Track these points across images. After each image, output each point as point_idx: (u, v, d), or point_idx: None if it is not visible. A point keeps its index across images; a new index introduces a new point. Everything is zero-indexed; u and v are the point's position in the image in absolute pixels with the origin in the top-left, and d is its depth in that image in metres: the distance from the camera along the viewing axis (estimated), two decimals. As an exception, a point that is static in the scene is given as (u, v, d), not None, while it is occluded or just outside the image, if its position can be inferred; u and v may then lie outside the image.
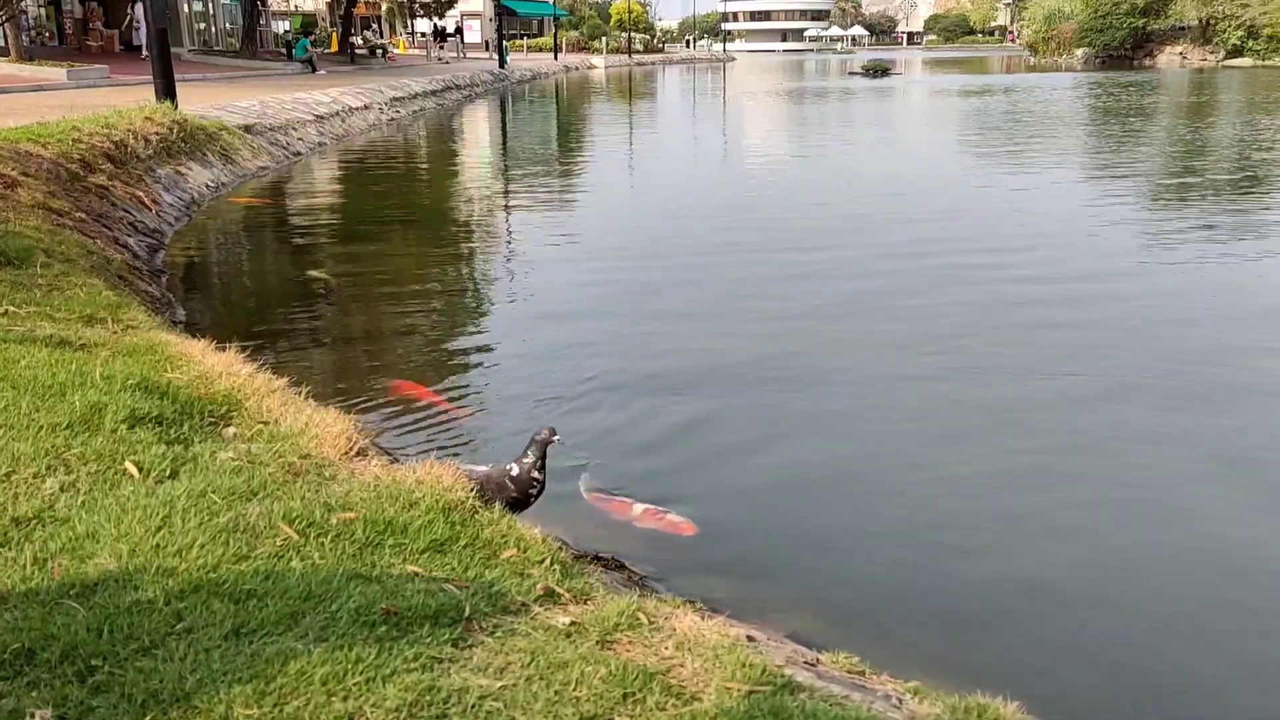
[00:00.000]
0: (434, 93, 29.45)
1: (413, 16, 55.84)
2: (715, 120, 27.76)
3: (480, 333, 6.91)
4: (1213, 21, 56.30)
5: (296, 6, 52.91)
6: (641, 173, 16.48)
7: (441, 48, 51.48)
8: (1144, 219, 10.91)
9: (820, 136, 22.36)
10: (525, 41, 67.43)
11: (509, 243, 10.25)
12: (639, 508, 4.03)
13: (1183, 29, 57.75)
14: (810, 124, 25.99)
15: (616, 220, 11.35)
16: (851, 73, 54.98)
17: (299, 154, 16.45)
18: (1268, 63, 53.15)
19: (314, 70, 30.95)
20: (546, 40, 67.51)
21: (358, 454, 3.60)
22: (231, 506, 2.87)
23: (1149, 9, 57.60)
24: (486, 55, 53.60)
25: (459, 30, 54.59)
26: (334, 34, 45.06)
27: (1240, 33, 55.10)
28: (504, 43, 47.41)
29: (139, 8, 25.66)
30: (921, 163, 16.96)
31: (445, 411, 5.21)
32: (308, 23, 40.94)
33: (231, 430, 3.66)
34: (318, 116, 18.93)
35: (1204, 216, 11.00)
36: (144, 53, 22.12)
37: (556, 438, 3.52)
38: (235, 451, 3.36)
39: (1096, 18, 59.25)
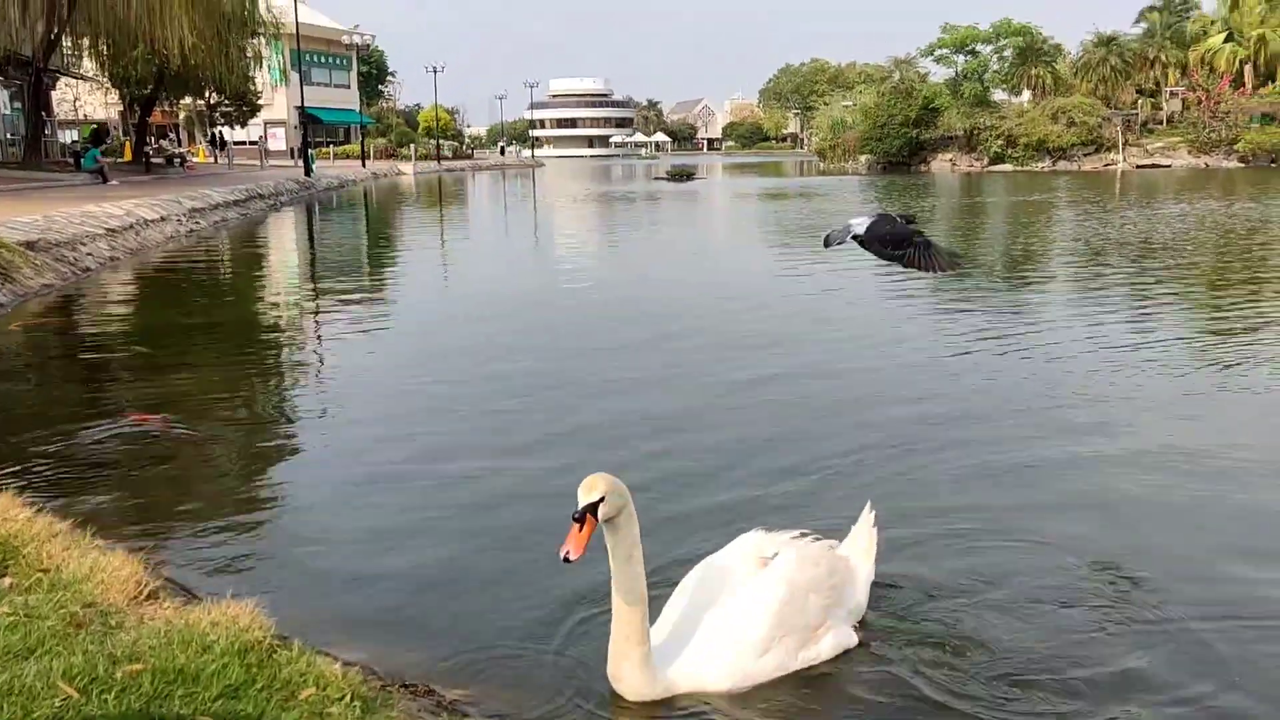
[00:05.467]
0: (236, 202, 28.72)
1: (213, 125, 54.60)
2: (527, 227, 28.31)
3: (289, 457, 6.75)
4: (976, 132, 62.50)
5: (86, 115, 50.76)
6: (455, 282, 16.57)
7: (226, 154, 50.75)
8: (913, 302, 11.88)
9: (630, 242, 23.17)
10: (332, 149, 66.89)
11: (319, 358, 10.08)
12: None
13: (952, 138, 63.77)
14: (620, 229, 26.90)
15: (429, 335, 11.31)
16: (657, 178, 57.31)
17: (89, 270, 15.66)
18: (1026, 168, 59.35)
19: (105, 181, 29.64)
20: (354, 147, 67.23)
21: (149, 597, 3.49)
22: (6, 667, 2.73)
23: (921, 120, 63.32)
24: (292, 163, 52.88)
25: (221, 139, 54.23)
26: (127, 143, 43.38)
27: (1000, 142, 61.40)
28: (309, 150, 46.94)
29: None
30: (730, 266, 17.84)
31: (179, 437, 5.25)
32: (98, 131, 39.30)
33: (7, 581, 3.47)
34: (110, 230, 18.10)
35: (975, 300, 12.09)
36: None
37: None
38: (10, 605, 3.20)
39: (876, 128, 64.55)
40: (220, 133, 54.21)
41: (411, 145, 71.21)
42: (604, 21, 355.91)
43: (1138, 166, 57.62)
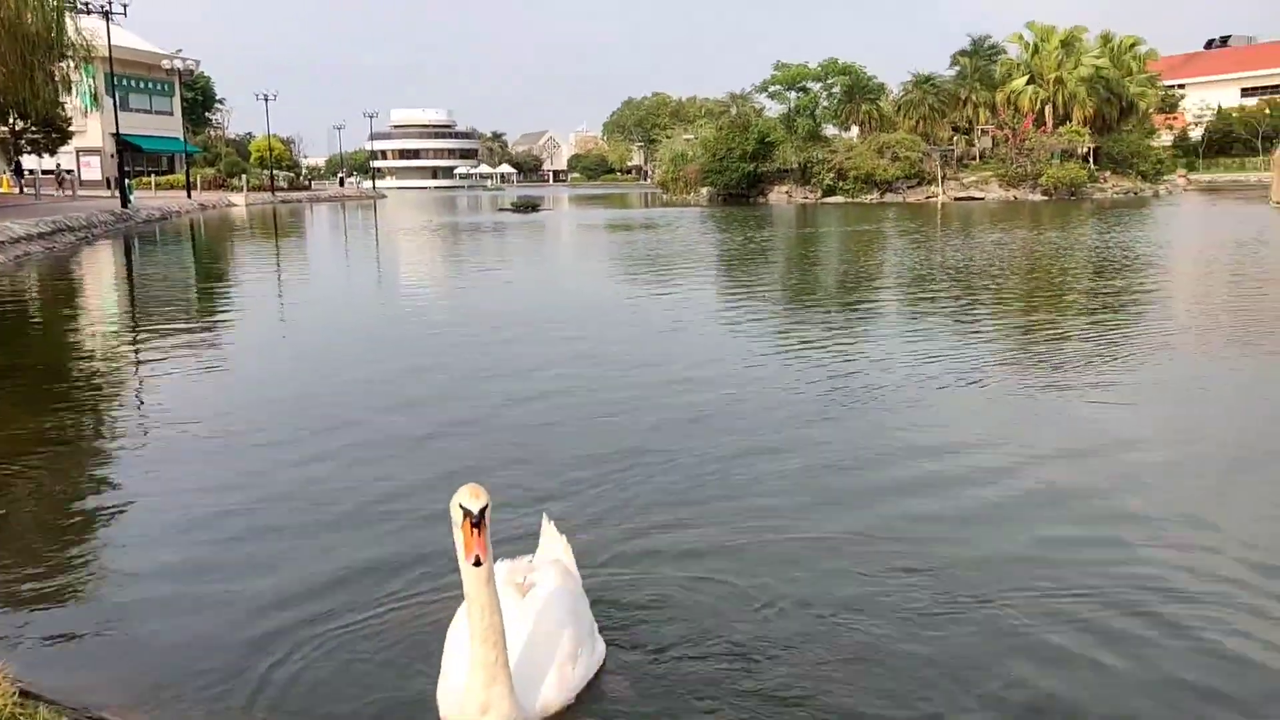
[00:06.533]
0: (41, 235, 26.81)
1: (18, 152, 50.97)
2: (368, 260, 27.47)
3: (86, 504, 6.21)
4: (810, 165, 65.03)
5: None
6: (289, 320, 15.74)
7: (33, 184, 47.65)
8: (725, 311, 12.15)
9: (476, 272, 22.85)
10: (154, 178, 63.51)
11: (138, 403, 9.36)
12: None
13: (787, 171, 66.12)
14: (465, 260, 26.49)
15: (256, 375, 10.73)
16: (502, 209, 57.00)
17: None
18: (856, 199, 62.08)
19: (-111, 211, 27.13)
20: (178, 177, 64.02)
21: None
22: None
23: (758, 154, 65.42)
24: (109, 193, 49.97)
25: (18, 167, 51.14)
26: (-83, 172, 39.95)
27: (832, 175, 64.06)
28: (126, 180, 44.40)
29: None
30: (573, 292, 17.80)
31: None
32: None
33: None
34: (-112, 265, 16.52)
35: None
36: None
37: None
38: None
39: (715, 160, 66.32)
40: (19, 161, 50.67)
41: (243, 175, 68.42)
42: (445, 52, 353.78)
43: (955, 199, 61.18)
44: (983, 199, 61.05)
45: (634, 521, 5.53)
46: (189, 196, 55.12)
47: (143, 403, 9.27)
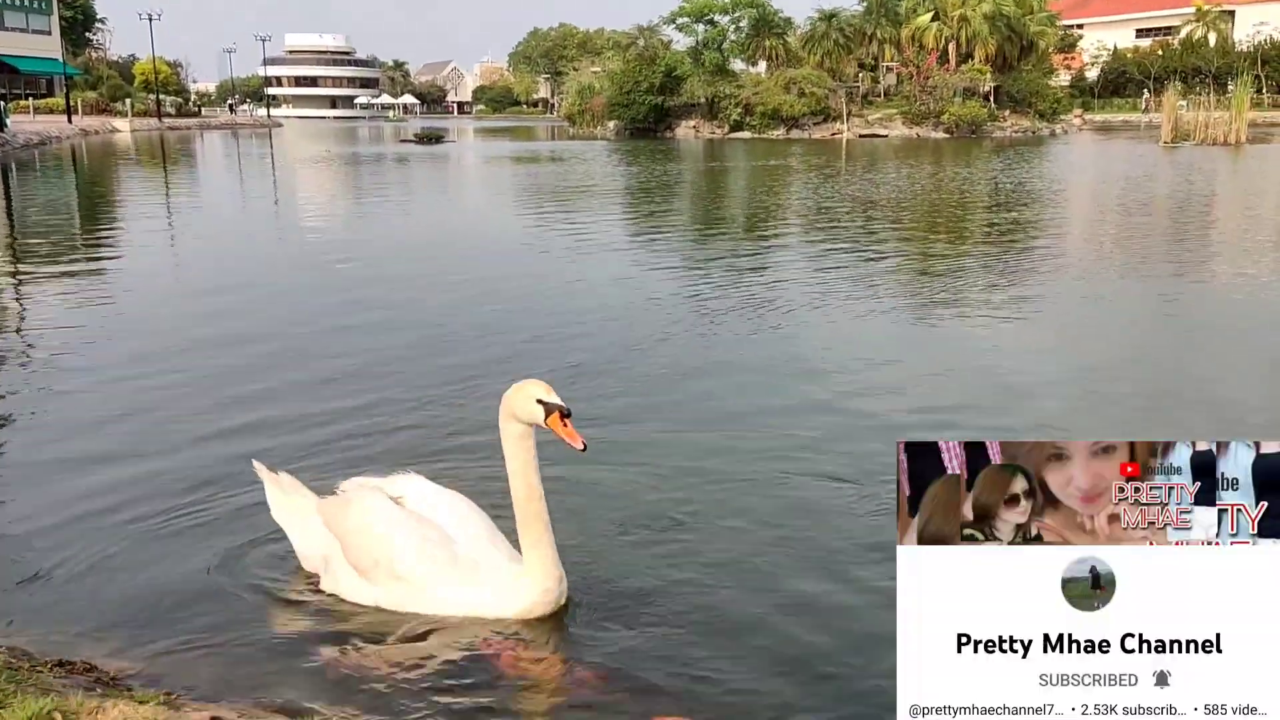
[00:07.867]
0: (-94, 160, 25.10)
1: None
2: (265, 191, 26.46)
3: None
4: (717, 100, 64.77)
5: None
6: (181, 253, 15.05)
7: None
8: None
9: (376, 205, 22.27)
10: (32, 102, 59.89)
11: (23, 341, 8.89)
12: None
13: (694, 106, 65.75)
14: (366, 193, 25.75)
15: (149, 309, 10.19)
16: (404, 140, 55.49)
17: None
18: (763, 135, 62.19)
19: None
20: (58, 101, 60.51)
21: None
22: None
23: (665, 88, 64.82)
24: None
25: None
26: None
27: (739, 110, 63.93)
28: (2, 103, 41.81)
29: None
30: (475, 224, 17.53)
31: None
32: None
33: None
34: None
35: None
36: None
37: None
38: None
39: (622, 94, 65.49)
40: None
41: (128, 100, 64.99)
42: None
43: (860, 135, 61.78)
44: (887, 136, 61.78)
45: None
46: (69, 121, 52.21)
47: (20, 333, 8.85)
